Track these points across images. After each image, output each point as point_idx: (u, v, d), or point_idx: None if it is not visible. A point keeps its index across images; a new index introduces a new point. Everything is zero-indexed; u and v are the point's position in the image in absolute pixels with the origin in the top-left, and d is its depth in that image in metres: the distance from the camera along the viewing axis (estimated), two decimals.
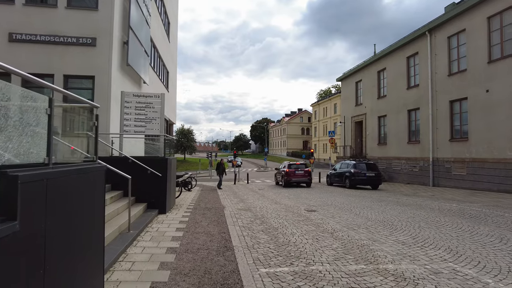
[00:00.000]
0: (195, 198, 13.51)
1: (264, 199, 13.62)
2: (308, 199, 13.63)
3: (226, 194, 15.47)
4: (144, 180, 8.70)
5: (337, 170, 21.58)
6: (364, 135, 29.04)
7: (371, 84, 27.83)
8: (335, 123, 57.43)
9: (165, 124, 25.32)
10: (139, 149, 11.13)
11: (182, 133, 68.30)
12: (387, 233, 6.93)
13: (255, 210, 10.13)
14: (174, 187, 10.78)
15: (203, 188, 19.07)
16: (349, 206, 11.07)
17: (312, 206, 11.21)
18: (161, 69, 21.69)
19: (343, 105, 33.90)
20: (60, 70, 10.68)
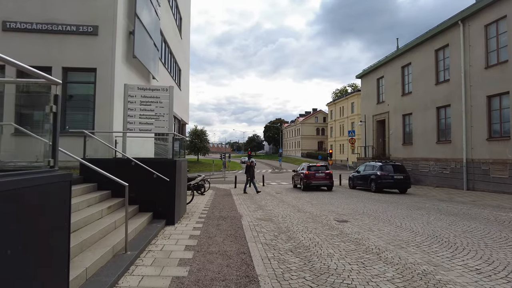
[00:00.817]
0: (208, 203, 12.27)
1: (284, 205, 12.26)
2: (334, 205, 12.21)
3: (242, 199, 14.18)
4: (149, 185, 7.49)
5: (361, 172, 20.03)
6: (387, 134, 27.34)
7: (395, 80, 26.13)
8: (352, 122, 55.62)
9: (177, 124, 24.29)
10: (148, 150, 9.97)
11: (195, 134, 67.47)
12: (448, 254, 5.49)
13: (277, 220, 8.78)
14: (185, 192, 9.55)
15: (216, 192, 17.84)
16: (385, 215, 9.61)
17: (341, 215, 9.79)
18: (172, 66, 20.61)
19: (363, 103, 32.22)
20: (59, 62, 9.59)
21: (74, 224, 4.81)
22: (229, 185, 23.56)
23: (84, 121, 9.78)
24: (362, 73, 32.21)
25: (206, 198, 14.41)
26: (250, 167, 18.51)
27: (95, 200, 6.49)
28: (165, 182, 7.44)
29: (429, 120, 21.51)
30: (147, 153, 9.79)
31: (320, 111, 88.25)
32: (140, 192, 7.48)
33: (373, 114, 29.56)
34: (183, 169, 8.75)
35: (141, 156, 8.33)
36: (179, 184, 8.06)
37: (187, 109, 27.73)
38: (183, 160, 8.92)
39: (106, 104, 9.60)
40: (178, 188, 7.92)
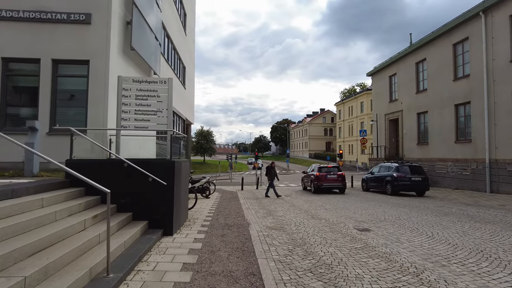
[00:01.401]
0: (213, 208, 11.32)
1: (296, 210, 11.25)
2: (350, 210, 11.17)
3: (250, 203, 13.20)
4: (144, 190, 6.56)
5: (375, 173, 18.92)
6: (401, 134, 26.14)
7: (408, 77, 24.94)
8: (361, 122, 54.37)
9: (182, 124, 23.44)
10: (150, 151, 9.06)
11: (202, 135, 66.74)
12: (507, 277, 4.45)
13: (290, 229, 7.77)
14: (186, 197, 8.60)
15: (222, 195, 16.89)
16: (410, 223, 8.55)
17: (361, 222, 8.76)
18: (176, 63, 19.75)
19: (375, 102, 31.03)
20: (48, 53, 8.73)
21: (41, 241, 3.88)
22: (235, 187, 22.61)
23: (76, 118, 8.91)
24: (373, 70, 31.05)
25: (211, 201, 13.47)
26: (271, 169, 16.86)
27: (79, 207, 5.57)
28: (162, 187, 6.50)
29: (446, 119, 20.32)
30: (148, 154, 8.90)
31: (328, 111, 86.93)
32: (134, 198, 6.56)
33: (385, 113, 28.38)
34: (183, 172, 7.80)
35: (140, 157, 7.42)
36: (178, 188, 7.11)
37: (192, 109, 26.88)
38: (184, 161, 7.97)
39: (100, 99, 8.71)
40: (177, 193, 6.97)
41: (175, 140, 7.79)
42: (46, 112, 8.68)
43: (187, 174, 8.56)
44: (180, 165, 7.34)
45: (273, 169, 16.87)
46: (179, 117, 20.87)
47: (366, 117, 52.57)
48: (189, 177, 16.30)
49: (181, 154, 8.17)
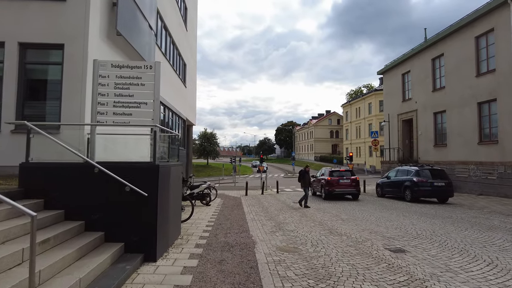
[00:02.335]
0: (212, 219, 9.82)
1: (308, 221, 9.72)
2: (371, 221, 9.63)
3: (255, 213, 11.68)
4: (120, 203, 5.09)
5: (392, 178, 17.31)
6: (415, 135, 24.51)
7: (424, 74, 23.35)
8: (369, 124, 52.70)
9: (183, 124, 22.04)
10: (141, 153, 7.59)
11: (205, 137, 65.40)
12: None
13: (306, 250, 6.22)
14: (178, 209, 7.10)
15: (225, 201, 15.40)
16: (452, 240, 6.98)
17: (390, 238, 7.21)
18: (175, 59, 18.35)
19: (387, 101, 29.42)
20: (14, 36, 7.32)
21: None
22: (239, 192, 21.11)
23: (49, 113, 7.48)
24: (384, 68, 29.48)
25: (211, 210, 11.98)
26: (306, 173, 14.20)
27: (23, 229, 4.10)
28: (142, 198, 5.02)
29: (468, 118, 18.69)
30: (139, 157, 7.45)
31: (334, 113, 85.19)
32: (108, 213, 5.09)
33: (398, 113, 26.77)
34: (174, 178, 6.30)
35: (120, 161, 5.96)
36: (165, 199, 5.63)
37: (194, 109, 25.48)
38: (173, 165, 6.46)
39: (76, 91, 7.28)
40: (163, 205, 5.48)
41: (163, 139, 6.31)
42: (11, 106, 7.24)
43: (179, 181, 7.07)
44: (168, 170, 5.86)
45: (307, 174, 14.34)
46: (179, 117, 19.46)
47: (375, 118, 50.91)
48: (188, 182, 14.85)
49: (171, 156, 6.69)
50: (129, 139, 6.39)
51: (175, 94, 17.85)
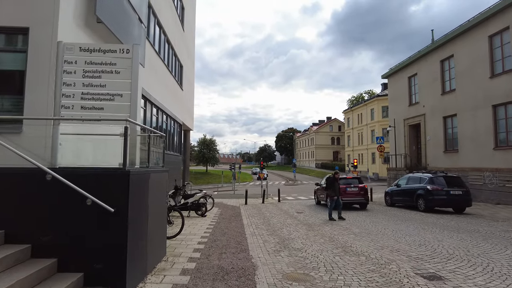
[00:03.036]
0: (206, 234, 8.60)
1: (317, 237, 8.50)
2: (388, 236, 8.42)
3: (255, 225, 10.46)
4: (79, 221, 3.90)
5: (402, 186, 16.11)
6: (423, 141, 23.36)
7: (432, 77, 22.28)
8: (372, 130, 51.57)
9: (178, 129, 20.90)
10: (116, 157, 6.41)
11: (204, 144, 64.25)
12: None
13: (321, 278, 4.96)
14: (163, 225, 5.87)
15: (222, 211, 14.17)
16: (498, 263, 5.76)
17: (417, 259, 6.00)
18: (171, 59, 17.27)
19: (392, 106, 28.31)
20: None
21: None
22: (238, 201, 19.89)
23: (12, 108, 6.32)
24: (389, 72, 28.45)
25: (206, 222, 10.77)
26: (335, 181, 12.47)
27: None
28: (108, 214, 3.83)
29: (482, 122, 17.56)
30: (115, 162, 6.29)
31: (335, 119, 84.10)
32: (63, 234, 3.90)
33: (405, 118, 25.65)
34: (154, 187, 5.09)
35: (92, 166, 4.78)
36: (140, 214, 4.44)
37: (191, 114, 24.35)
38: (155, 171, 5.26)
39: (43, 82, 6.11)
40: (137, 222, 4.29)
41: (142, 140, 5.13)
42: None
43: (164, 190, 5.87)
44: (146, 178, 4.67)
45: (337, 182, 12.53)
46: (174, 121, 18.32)
47: (377, 124, 49.82)
48: (182, 191, 13.65)
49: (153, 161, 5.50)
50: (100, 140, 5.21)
51: (170, 96, 16.74)
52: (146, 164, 4.98)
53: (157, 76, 14.11)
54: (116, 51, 5.07)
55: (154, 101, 13.47)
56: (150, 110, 13.41)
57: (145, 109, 12.59)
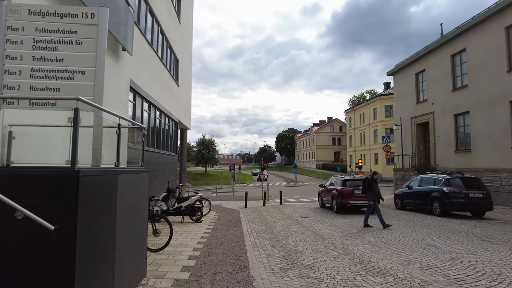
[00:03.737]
0: (199, 245, 7.42)
1: (328, 247, 7.34)
2: (410, 247, 7.26)
3: (256, 233, 9.28)
4: (7, 241, 2.71)
5: (414, 188, 14.95)
6: (432, 140, 22.20)
7: (441, 73, 21.13)
8: (375, 130, 50.42)
9: (174, 127, 19.72)
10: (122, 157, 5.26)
11: (203, 144, 63.07)
12: None
13: None
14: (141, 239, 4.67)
15: (220, 215, 13.00)
16: None
17: (460, 282, 4.83)
18: (166, 51, 16.13)
19: (398, 104, 27.17)
20: None
21: None
22: (238, 203, 18.71)
23: None
24: (395, 68, 27.31)
25: (201, 229, 9.59)
26: (374, 182, 10.89)
27: None
28: (48, 234, 2.65)
29: (498, 119, 16.41)
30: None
31: (336, 119, 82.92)
32: None
33: (412, 116, 24.49)
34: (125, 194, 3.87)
35: None
36: (103, 231, 3.26)
37: (188, 112, 23.20)
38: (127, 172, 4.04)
39: None
40: (94, 242, 3.10)
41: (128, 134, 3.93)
42: None
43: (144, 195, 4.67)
44: (111, 181, 3.48)
45: (376, 183, 10.93)
46: (169, 118, 17.16)
47: (380, 124, 48.67)
48: (176, 193, 12.48)
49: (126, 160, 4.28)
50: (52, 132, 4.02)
51: (164, 91, 15.59)
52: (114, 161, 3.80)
53: (149, 68, 12.96)
54: (77, 15, 3.90)
55: (145, 95, 12.31)
56: (140, 105, 12.26)
57: (134, 103, 11.43)
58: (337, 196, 14.50)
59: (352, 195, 14.22)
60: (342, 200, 14.23)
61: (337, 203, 14.47)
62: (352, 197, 14.21)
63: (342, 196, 14.29)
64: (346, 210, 14.36)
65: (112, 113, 3.56)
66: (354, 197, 14.18)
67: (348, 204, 14.18)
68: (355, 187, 14.36)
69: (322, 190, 17.29)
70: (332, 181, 16.48)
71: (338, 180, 15.65)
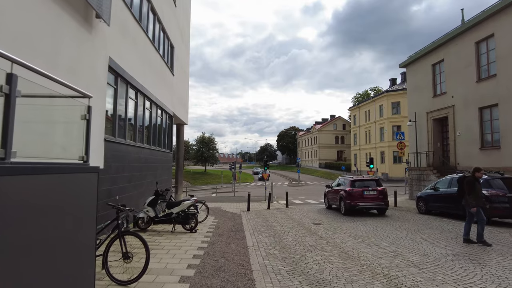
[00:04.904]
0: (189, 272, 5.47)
1: (365, 273, 5.43)
2: (465, 267, 5.33)
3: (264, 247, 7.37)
4: None
5: (442, 190, 13.03)
6: (452, 136, 20.23)
7: (464, 62, 19.14)
8: (381, 128, 48.45)
9: (168, 120, 17.74)
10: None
11: (203, 142, 61.10)
12: None
13: None
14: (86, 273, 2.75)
15: (219, 221, 11.10)
16: None
17: None
18: (158, 34, 14.18)
19: (412, 98, 25.14)
20: None
21: None
22: (239, 206, 16.83)
23: None
24: (408, 60, 25.27)
25: (195, 242, 7.67)
26: (476, 182, 8.14)
27: None
28: None
29: None
30: None
31: (339, 117, 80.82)
32: None
33: (428, 111, 22.50)
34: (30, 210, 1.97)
35: None
36: None
37: (185, 105, 21.23)
38: (31, 172, 2.13)
39: None
40: None
41: None
42: None
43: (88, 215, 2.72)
44: None
45: (478, 182, 8.17)
46: (162, 110, 15.21)
47: (387, 121, 46.73)
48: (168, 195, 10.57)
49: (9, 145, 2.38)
50: None
51: (156, 78, 13.65)
52: None
53: (136, 49, 11.01)
54: None
55: (130, 80, 10.36)
56: (125, 91, 10.33)
57: (115, 88, 9.50)
58: (346, 198, 13.42)
59: (362, 197, 13.21)
60: (351, 202, 13.18)
61: (346, 205, 13.38)
62: (362, 199, 13.19)
63: (351, 198, 13.24)
64: (355, 212, 13.46)
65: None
66: (364, 198, 13.21)
67: (358, 206, 13.16)
68: (364, 188, 13.44)
69: (329, 190, 16.17)
70: (340, 182, 15.41)
71: (346, 180, 14.59)
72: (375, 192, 13.32)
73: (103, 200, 7.25)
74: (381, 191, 13.43)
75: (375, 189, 13.41)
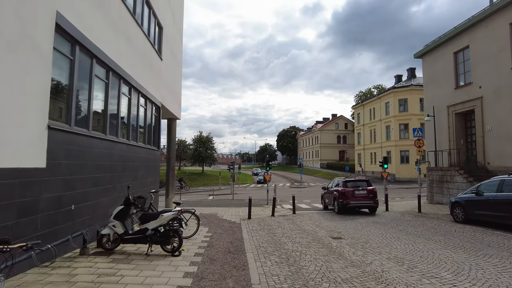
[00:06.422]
0: None
1: None
2: None
3: (278, 277, 4.91)
4: None
5: (487, 194, 10.60)
6: (480, 132, 17.81)
7: (495, 48, 16.75)
8: (387, 126, 46.04)
9: (156, 112, 15.14)
10: None
11: (200, 142, 58.59)
12: None
13: None
14: None
15: (213, 235, 8.65)
16: None
17: None
18: (139, 6, 11.73)
19: (429, 91, 22.70)
20: None
21: None
22: (239, 211, 14.41)
23: None
24: (424, 49, 22.82)
25: (176, 275, 5.21)
26: None
27: None
28: None
29: None
30: None
31: (341, 116, 78.32)
32: None
33: (449, 105, 20.09)
34: None
35: None
36: None
37: (176, 97, 18.74)
38: None
39: None
40: None
41: None
42: None
43: None
44: None
45: None
46: (146, 99, 12.73)
47: (393, 119, 44.35)
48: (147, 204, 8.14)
49: None
50: None
51: (136, 58, 11.20)
52: None
53: (105, 14, 8.48)
54: None
55: (96, 52, 7.88)
56: (89, 66, 7.88)
57: (72, 60, 7.05)
58: (339, 197, 14.53)
59: (353, 196, 14.36)
60: (343, 201, 14.27)
61: (338, 204, 14.49)
62: (352, 198, 14.33)
63: (343, 197, 14.37)
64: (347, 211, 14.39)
65: None
66: (355, 197, 14.38)
67: (349, 205, 14.23)
68: (355, 187, 14.55)
69: (326, 192, 17.06)
70: (336, 183, 16.00)
71: (340, 181, 15.47)
72: (365, 191, 14.44)
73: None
74: (370, 191, 14.50)
75: (365, 189, 14.52)
